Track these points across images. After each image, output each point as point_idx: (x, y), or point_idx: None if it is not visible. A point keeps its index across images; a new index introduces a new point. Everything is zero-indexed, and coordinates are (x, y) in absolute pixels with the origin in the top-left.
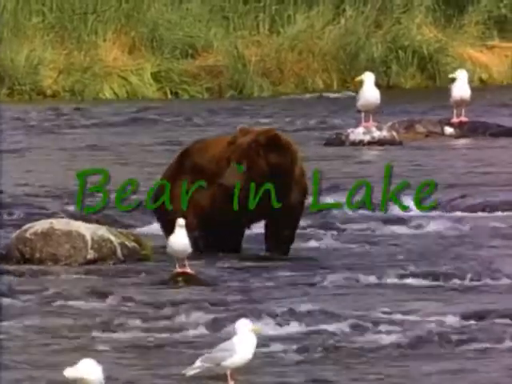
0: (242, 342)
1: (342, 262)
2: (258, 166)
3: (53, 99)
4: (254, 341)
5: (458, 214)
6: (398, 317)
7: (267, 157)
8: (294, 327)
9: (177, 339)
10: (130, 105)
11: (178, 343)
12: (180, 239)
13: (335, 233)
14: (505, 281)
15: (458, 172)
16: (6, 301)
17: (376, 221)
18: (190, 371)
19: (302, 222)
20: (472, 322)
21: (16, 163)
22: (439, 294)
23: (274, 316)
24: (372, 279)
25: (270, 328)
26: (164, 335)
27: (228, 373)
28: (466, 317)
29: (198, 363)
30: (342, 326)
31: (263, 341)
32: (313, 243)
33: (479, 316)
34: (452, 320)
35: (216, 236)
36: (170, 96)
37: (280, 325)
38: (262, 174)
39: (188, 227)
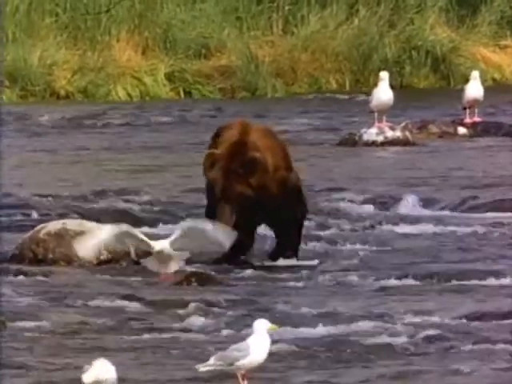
0: (256, 343)
1: (349, 262)
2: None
3: (66, 100)
4: (268, 343)
5: (470, 214)
6: (399, 317)
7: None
8: (301, 328)
9: (190, 339)
10: (146, 106)
11: (191, 343)
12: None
13: (342, 233)
14: (507, 281)
15: (471, 172)
16: (19, 301)
17: (382, 220)
18: (203, 368)
19: (309, 223)
20: (474, 322)
21: (29, 164)
22: (440, 294)
23: (282, 317)
24: (377, 280)
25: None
26: (177, 335)
27: (239, 374)
28: (467, 317)
29: (211, 361)
30: (346, 328)
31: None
32: (319, 244)
33: (481, 316)
34: (452, 320)
35: None
36: (183, 96)
37: (288, 325)
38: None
39: None
